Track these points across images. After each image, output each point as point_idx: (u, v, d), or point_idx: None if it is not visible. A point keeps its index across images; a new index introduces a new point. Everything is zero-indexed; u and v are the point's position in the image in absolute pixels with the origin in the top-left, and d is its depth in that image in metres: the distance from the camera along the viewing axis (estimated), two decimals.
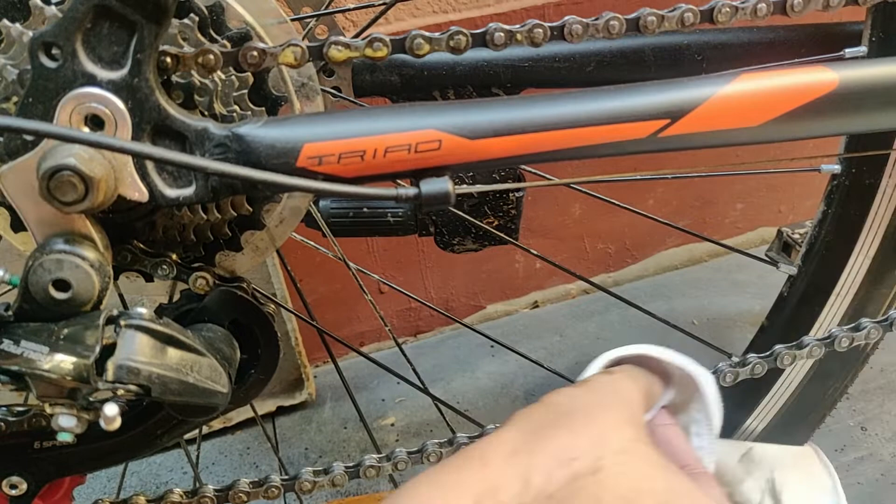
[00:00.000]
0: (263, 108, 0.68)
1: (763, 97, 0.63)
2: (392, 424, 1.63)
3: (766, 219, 2.03)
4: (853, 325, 0.90)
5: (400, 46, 0.66)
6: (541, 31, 0.68)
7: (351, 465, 0.86)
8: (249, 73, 0.67)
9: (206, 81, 0.65)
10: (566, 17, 0.68)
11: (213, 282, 0.71)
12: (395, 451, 0.88)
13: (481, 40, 0.67)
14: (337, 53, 0.64)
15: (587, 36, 0.69)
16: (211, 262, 0.74)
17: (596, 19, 0.69)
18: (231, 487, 0.83)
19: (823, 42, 0.85)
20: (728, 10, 0.70)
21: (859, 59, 0.81)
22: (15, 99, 0.61)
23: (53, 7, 0.61)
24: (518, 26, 0.68)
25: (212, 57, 0.61)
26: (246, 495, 0.83)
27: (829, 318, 1.01)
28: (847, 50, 0.82)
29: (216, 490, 0.83)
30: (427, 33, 0.66)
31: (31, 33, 0.60)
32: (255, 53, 0.62)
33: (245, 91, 0.68)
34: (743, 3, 0.70)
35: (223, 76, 0.66)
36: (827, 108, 0.64)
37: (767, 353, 0.90)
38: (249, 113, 0.68)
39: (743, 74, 0.64)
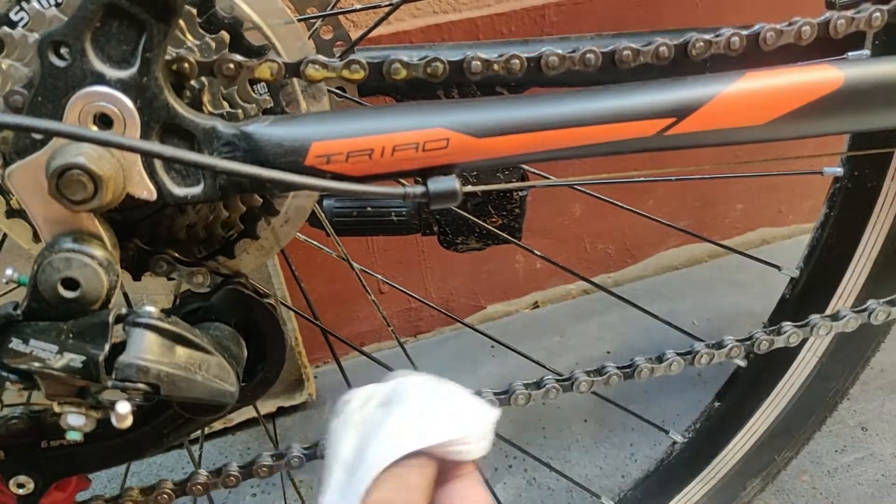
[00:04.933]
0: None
1: (769, 95, 0.64)
2: None
3: (766, 219, 2.03)
4: None
5: (377, 70, 0.66)
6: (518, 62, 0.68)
7: None
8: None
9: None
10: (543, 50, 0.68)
11: (211, 278, 0.71)
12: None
13: (458, 69, 0.67)
14: (314, 73, 0.64)
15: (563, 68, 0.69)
16: (214, 261, 0.74)
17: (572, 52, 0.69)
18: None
19: (826, 42, 0.86)
20: (702, 44, 0.70)
21: (864, 58, 0.81)
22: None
23: (54, 9, 0.61)
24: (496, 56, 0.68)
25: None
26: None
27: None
28: (850, 53, 0.82)
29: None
30: (405, 59, 0.66)
31: (36, 35, 0.60)
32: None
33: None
34: (752, 30, 0.70)
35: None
36: (832, 107, 0.64)
37: None
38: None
39: (748, 73, 0.64)
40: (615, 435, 1.54)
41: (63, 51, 0.55)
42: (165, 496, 0.79)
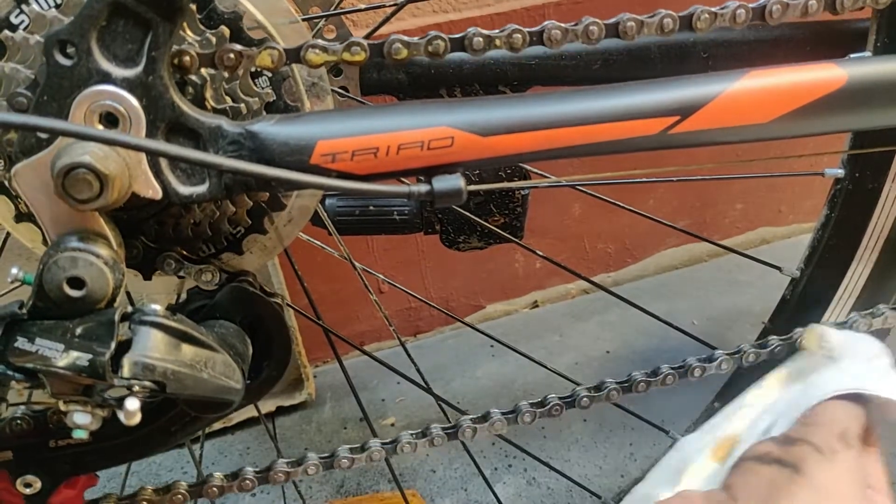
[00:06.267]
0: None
1: (772, 94, 0.64)
2: (392, 424, 1.63)
3: (766, 219, 2.03)
4: None
5: (378, 52, 0.66)
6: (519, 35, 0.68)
7: None
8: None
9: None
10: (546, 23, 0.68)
11: (220, 276, 0.71)
12: None
13: (460, 45, 0.67)
14: (315, 57, 0.64)
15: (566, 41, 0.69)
16: (218, 259, 0.74)
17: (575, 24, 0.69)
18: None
19: (829, 40, 0.86)
20: (707, 16, 0.70)
21: (868, 57, 0.81)
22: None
23: (54, 10, 0.62)
24: (497, 31, 0.68)
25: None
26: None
27: (832, 321, 1.01)
28: (852, 55, 0.82)
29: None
30: (406, 38, 0.66)
31: (37, 37, 0.60)
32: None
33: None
34: (759, 3, 0.70)
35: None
36: (836, 105, 0.65)
37: None
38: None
39: (752, 71, 0.64)
40: (615, 435, 1.54)
41: (69, 50, 0.55)
42: (180, 496, 0.79)
